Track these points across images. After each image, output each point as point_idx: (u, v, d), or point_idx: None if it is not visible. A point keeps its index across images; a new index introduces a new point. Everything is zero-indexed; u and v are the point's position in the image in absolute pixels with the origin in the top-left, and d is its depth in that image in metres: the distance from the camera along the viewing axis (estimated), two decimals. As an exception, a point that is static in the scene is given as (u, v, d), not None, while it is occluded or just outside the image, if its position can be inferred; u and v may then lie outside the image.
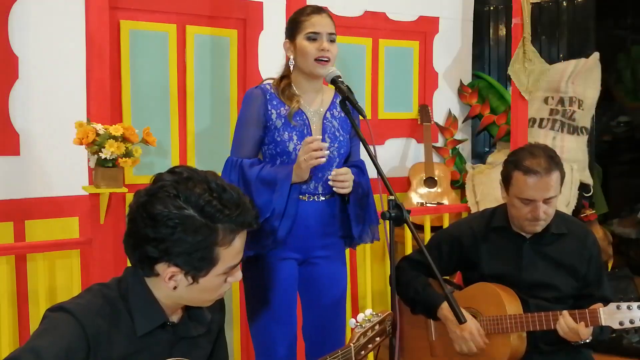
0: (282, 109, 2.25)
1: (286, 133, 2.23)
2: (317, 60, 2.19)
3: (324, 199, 2.27)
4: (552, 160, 2.20)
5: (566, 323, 2.12)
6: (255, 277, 2.27)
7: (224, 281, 1.48)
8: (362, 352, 1.90)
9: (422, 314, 2.37)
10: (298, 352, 2.43)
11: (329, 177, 2.21)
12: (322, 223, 2.28)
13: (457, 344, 2.25)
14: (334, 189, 2.21)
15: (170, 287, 1.44)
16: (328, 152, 2.17)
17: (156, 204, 1.38)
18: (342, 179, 2.19)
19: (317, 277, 2.32)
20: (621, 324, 2.06)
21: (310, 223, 2.26)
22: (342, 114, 2.31)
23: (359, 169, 2.38)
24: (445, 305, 2.25)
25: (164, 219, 1.37)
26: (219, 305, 1.65)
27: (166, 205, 1.38)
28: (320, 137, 2.21)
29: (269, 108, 2.24)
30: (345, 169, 2.22)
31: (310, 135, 2.24)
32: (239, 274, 1.51)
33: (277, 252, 2.25)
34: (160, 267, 1.42)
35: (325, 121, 2.30)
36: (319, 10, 2.26)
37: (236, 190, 1.46)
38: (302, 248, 2.27)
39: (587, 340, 2.15)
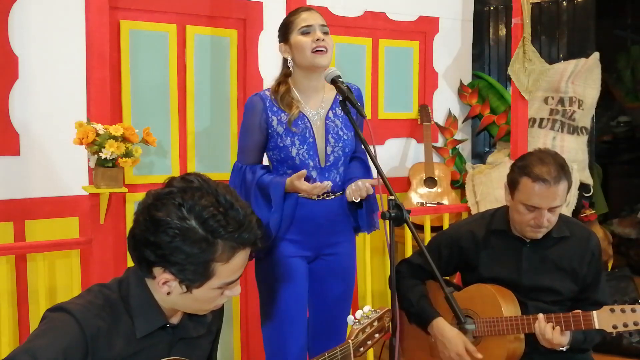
0: (282, 115, 2.27)
1: (288, 139, 2.25)
2: (314, 51, 2.21)
3: (333, 197, 2.30)
4: (562, 170, 2.15)
5: (539, 329, 2.11)
6: (265, 278, 2.30)
7: (220, 294, 1.46)
8: (361, 349, 1.90)
9: (415, 325, 2.38)
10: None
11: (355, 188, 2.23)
12: (333, 221, 2.31)
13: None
14: (349, 196, 2.24)
15: (164, 292, 1.43)
16: (318, 181, 2.22)
17: (160, 210, 1.37)
18: (362, 194, 2.23)
19: (325, 273, 2.34)
20: (615, 327, 2.02)
21: (321, 222, 2.28)
22: None
23: (362, 162, 2.40)
24: (436, 322, 2.27)
25: (165, 226, 1.36)
26: (219, 310, 1.64)
27: (169, 213, 1.36)
28: (330, 184, 2.23)
29: (270, 115, 2.27)
30: (369, 187, 2.24)
31: (313, 138, 2.27)
32: (237, 289, 1.48)
33: (288, 251, 2.27)
34: (157, 271, 1.42)
35: (327, 121, 2.31)
36: (307, 7, 2.32)
37: (244, 208, 1.42)
38: (313, 246, 2.30)
39: (563, 349, 2.13)
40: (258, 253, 2.30)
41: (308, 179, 2.25)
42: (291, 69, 2.30)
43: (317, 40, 2.21)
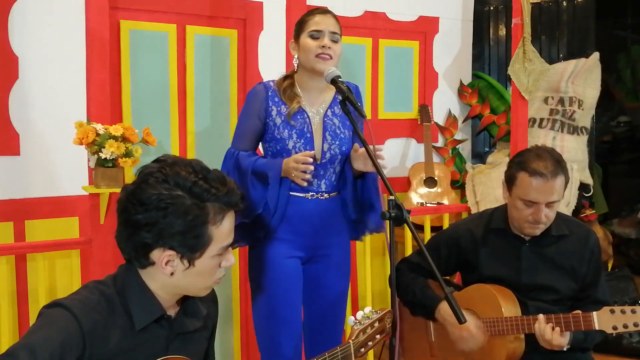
0: (282, 107, 2.28)
1: (286, 131, 2.25)
2: (317, 56, 2.22)
3: (327, 196, 2.29)
4: (559, 165, 2.17)
5: (539, 330, 2.11)
6: (257, 278, 2.29)
7: (218, 265, 1.50)
8: (362, 350, 1.91)
9: (421, 316, 2.37)
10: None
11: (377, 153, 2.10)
12: (327, 221, 2.30)
13: (458, 344, 2.25)
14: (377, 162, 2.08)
15: (167, 273, 1.45)
16: (310, 174, 2.18)
17: (146, 189, 1.42)
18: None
19: (320, 274, 2.33)
20: (614, 328, 2.01)
21: (314, 222, 2.27)
22: None
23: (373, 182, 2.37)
24: (442, 306, 2.25)
25: (155, 201, 1.40)
26: (212, 298, 1.66)
27: (156, 188, 1.41)
28: (311, 160, 2.18)
29: (270, 104, 2.28)
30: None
31: (311, 134, 2.26)
32: (231, 257, 1.53)
33: (281, 251, 2.26)
34: (156, 254, 1.44)
35: (326, 119, 2.31)
36: (324, 11, 2.30)
37: (220, 173, 1.50)
38: (307, 247, 2.29)
39: (563, 349, 2.13)
40: (255, 240, 2.29)
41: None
42: (295, 67, 2.31)
43: (323, 47, 2.21)
